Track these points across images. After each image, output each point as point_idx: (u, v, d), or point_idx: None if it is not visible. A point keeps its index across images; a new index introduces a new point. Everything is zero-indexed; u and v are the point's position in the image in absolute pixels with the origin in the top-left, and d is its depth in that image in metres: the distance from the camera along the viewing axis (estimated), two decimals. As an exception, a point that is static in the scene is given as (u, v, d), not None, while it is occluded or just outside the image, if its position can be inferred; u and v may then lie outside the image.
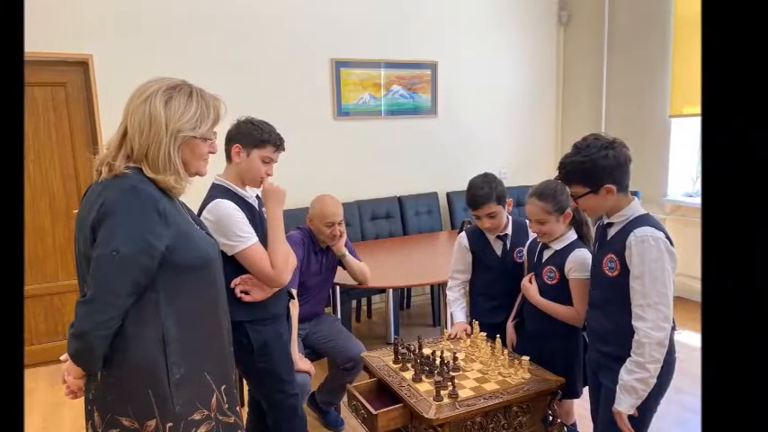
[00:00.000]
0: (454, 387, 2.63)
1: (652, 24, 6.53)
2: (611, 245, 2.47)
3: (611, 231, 2.49)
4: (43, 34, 4.87)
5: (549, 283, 2.99)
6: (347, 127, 6.40)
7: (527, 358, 2.85)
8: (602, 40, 7.11)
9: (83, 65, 5.17)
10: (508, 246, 3.35)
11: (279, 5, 5.86)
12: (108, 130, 4.93)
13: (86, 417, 1.98)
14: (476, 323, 3.17)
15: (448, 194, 6.89)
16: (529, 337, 3.17)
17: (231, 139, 2.89)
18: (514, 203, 3.41)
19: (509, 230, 3.36)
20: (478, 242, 3.40)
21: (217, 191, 2.83)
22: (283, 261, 2.75)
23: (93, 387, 1.94)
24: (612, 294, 2.45)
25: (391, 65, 6.51)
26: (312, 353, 3.85)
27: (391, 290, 5.33)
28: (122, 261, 1.78)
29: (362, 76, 6.38)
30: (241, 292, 2.77)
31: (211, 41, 5.58)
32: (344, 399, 3.71)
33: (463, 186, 3.46)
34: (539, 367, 2.87)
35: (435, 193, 6.85)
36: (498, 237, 3.35)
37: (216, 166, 2.52)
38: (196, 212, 2.48)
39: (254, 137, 2.86)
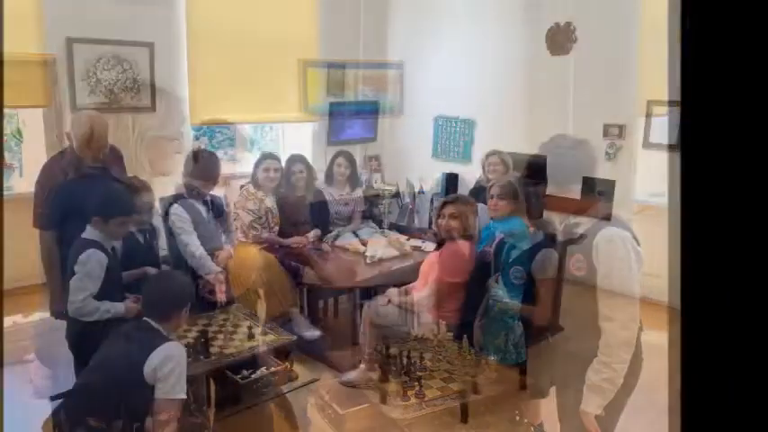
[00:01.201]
0: (421, 387, 2.63)
1: (618, 23, 6.56)
2: (578, 245, 2.48)
3: (578, 231, 2.50)
4: (10, 35, 4.78)
5: (516, 283, 3.00)
6: (313, 127, 6.36)
7: (494, 358, 2.86)
8: (570, 39, 7.12)
9: (50, 65, 5.07)
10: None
11: (247, 6, 5.81)
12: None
13: (53, 417, 1.96)
14: (443, 323, 3.17)
15: (414, 195, 6.87)
16: (495, 337, 3.17)
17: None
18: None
19: (475, 231, 3.36)
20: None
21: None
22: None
23: (60, 387, 1.92)
24: (579, 294, 2.46)
25: (358, 65, 6.48)
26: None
27: (358, 290, 5.31)
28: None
29: (329, 76, 6.35)
30: (207, 292, 2.76)
31: (179, 41, 5.52)
32: (312, 399, 3.70)
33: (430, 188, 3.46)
34: (506, 367, 2.87)
35: (402, 194, 6.83)
36: (464, 237, 3.35)
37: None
38: (162, 212, 2.47)
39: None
